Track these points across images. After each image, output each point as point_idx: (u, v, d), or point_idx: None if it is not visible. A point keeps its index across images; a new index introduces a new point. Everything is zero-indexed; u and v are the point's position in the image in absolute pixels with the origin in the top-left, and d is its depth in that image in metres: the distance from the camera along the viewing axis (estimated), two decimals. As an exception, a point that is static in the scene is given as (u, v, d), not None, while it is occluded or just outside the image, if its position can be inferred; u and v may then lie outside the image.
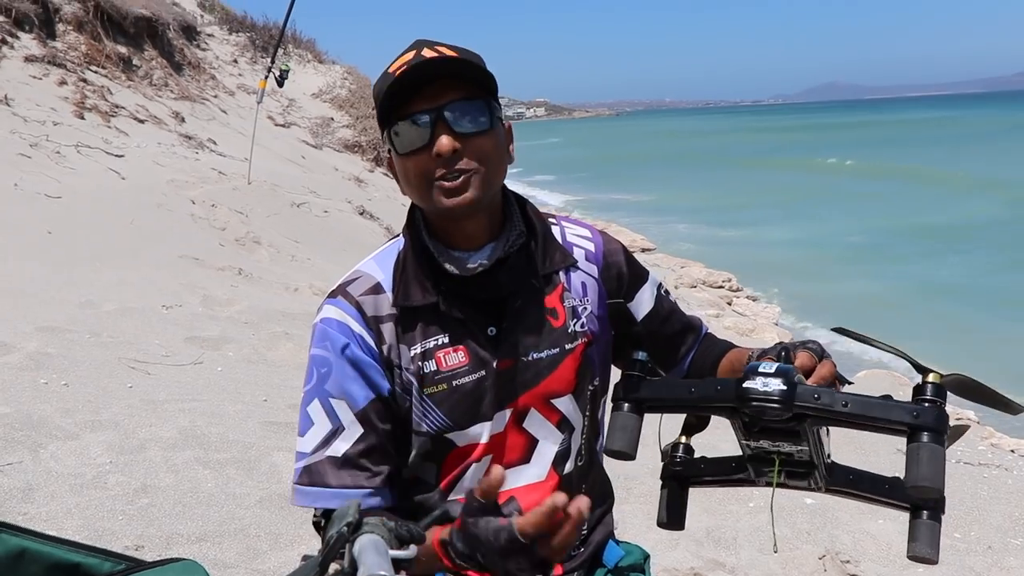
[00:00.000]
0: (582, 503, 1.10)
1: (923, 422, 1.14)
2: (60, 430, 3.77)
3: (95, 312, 5.81)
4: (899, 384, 8.52)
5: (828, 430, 1.30)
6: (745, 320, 11.65)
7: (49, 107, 11.55)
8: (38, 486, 3.29)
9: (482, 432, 1.47)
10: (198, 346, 5.54)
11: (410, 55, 1.40)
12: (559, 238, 1.58)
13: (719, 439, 1.49)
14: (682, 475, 1.33)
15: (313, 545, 3.13)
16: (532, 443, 1.51)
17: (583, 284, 1.57)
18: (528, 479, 1.51)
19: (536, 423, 1.51)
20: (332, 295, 1.49)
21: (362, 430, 1.43)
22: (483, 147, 1.39)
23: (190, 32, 17.88)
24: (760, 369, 1.19)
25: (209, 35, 19.01)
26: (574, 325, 1.54)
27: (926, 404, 1.16)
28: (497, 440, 1.49)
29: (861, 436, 5.05)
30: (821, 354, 1.31)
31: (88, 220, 8.17)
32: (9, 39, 12.72)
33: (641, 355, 1.33)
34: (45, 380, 4.41)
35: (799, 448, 1.24)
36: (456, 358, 1.45)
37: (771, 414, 1.17)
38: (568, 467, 1.54)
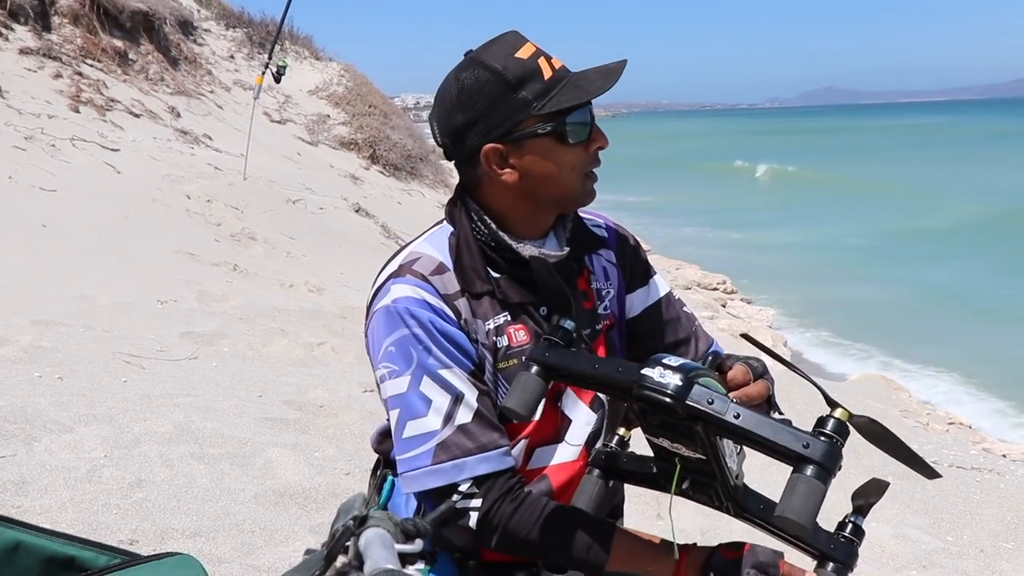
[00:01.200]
0: None
1: (811, 454, 1.08)
2: (54, 423, 3.76)
3: (90, 306, 5.79)
4: (892, 389, 8.55)
5: (742, 449, 1.27)
6: (739, 323, 11.66)
7: (44, 100, 11.49)
8: (32, 479, 3.27)
9: (538, 408, 1.50)
10: (193, 341, 5.53)
11: (532, 45, 1.44)
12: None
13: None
14: (604, 465, 1.33)
15: (308, 540, 3.13)
16: (564, 422, 1.54)
17: (604, 269, 1.63)
18: (561, 458, 1.53)
19: (570, 402, 1.54)
20: (397, 275, 1.46)
21: (477, 392, 1.42)
22: None
23: (187, 27, 17.81)
24: (664, 360, 1.16)
25: (206, 30, 18.94)
26: (600, 307, 1.59)
27: (821, 437, 1.10)
28: (536, 418, 1.50)
29: (861, 442, 5.05)
30: (761, 373, 1.32)
31: (83, 214, 8.14)
32: (4, 31, 12.66)
33: (568, 324, 1.29)
34: (39, 373, 4.40)
35: (697, 455, 1.21)
36: (521, 335, 1.48)
37: (661, 406, 1.13)
38: (598, 448, 1.56)
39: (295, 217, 10.82)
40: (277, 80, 12.63)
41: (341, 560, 0.90)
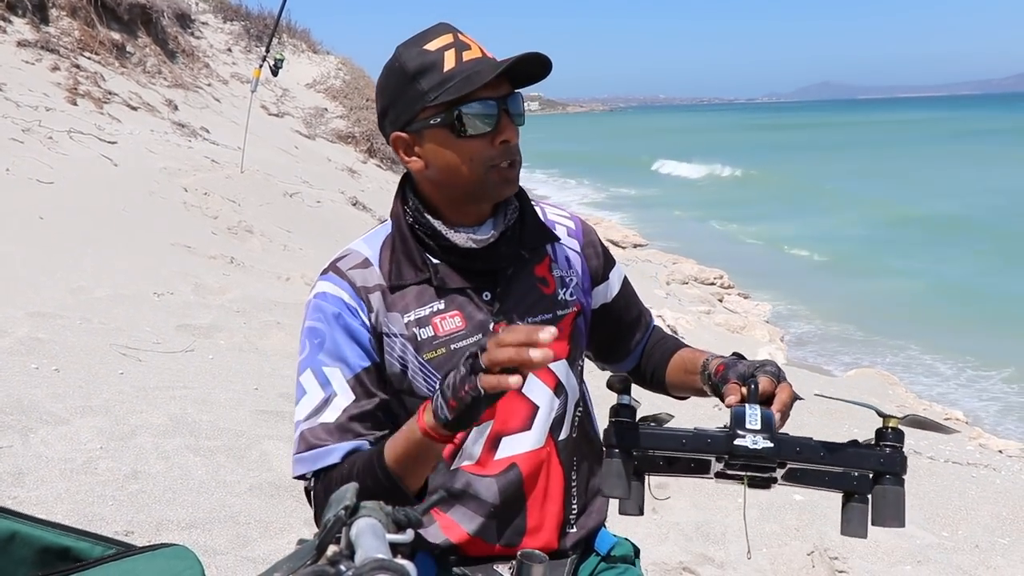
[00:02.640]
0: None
1: (888, 468, 1.29)
2: (51, 415, 3.76)
3: (86, 298, 5.79)
4: (888, 384, 8.57)
5: None
6: (736, 317, 11.66)
7: (42, 92, 11.48)
8: (28, 470, 3.28)
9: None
10: (189, 334, 5.53)
11: (449, 37, 1.45)
12: (541, 217, 1.66)
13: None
14: (640, 469, 1.37)
15: (303, 533, 3.13)
16: (533, 410, 1.56)
17: (567, 258, 1.65)
18: (529, 446, 1.56)
19: (536, 389, 1.56)
20: (324, 272, 1.55)
21: (354, 396, 1.47)
22: (518, 140, 1.49)
23: (184, 20, 17.81)
24: (748, 425, 1.27)
25: (203, 23, 18.93)
26: (564, 294, 1.62)
27: (888, 450, 1.30)
28: (500, 406, 1.51)
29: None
30: (779, 376, 1.38)
31: (80, 206, 8.13)
32: (2, 23, 12.66)
33: (625, 399, 1.36)
34: (36, 365, 4.39)
35: (766, 474, 1.33)
36: (453, 323, 1.51)
37: (759, 468, 1.29)
38: (563, 434, 1.60)
39: (292, 210, 10.81)
40: (274, 73, 12.62)
41: (332, 549, 0.90)
